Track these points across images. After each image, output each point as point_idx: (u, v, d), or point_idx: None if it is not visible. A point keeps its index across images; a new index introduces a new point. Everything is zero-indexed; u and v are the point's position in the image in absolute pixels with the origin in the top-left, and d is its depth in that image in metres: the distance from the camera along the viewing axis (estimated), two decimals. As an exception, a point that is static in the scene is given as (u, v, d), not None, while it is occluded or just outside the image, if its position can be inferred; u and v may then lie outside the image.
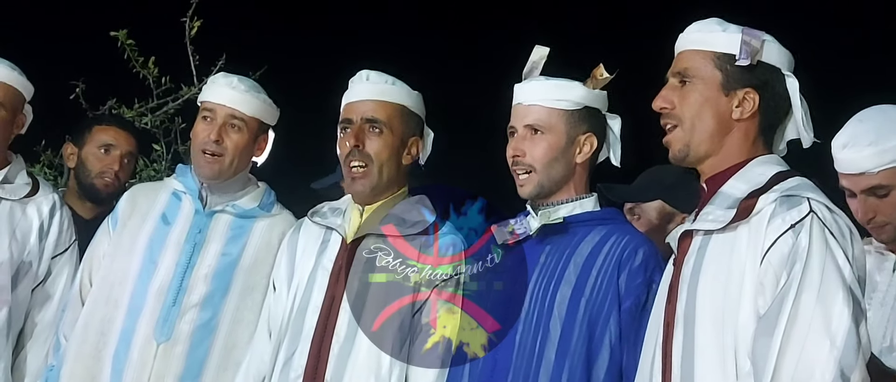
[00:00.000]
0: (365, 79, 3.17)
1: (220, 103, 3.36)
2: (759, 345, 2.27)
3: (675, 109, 2.52)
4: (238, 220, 3.39)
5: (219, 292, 3.31)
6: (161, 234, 3.37)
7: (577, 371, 2.73)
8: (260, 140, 3.43)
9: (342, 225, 3.15)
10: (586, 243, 2.84)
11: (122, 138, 4.08)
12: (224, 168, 3.36)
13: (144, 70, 5.46)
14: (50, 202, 3.62)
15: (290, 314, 3.10)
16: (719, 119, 2.50)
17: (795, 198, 2.36)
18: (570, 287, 2.79)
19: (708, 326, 2.38)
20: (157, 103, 5.58)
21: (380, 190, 3.14)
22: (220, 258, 3.33)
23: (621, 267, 2.78)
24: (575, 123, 2.92)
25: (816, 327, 2.23)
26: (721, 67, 2.50)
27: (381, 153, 3.11)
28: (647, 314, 2.71)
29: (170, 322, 3.27)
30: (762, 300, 2.32)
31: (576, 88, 2.93)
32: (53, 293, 3.59)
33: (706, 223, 2.46)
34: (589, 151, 2.93)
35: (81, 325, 3.35)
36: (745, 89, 2.50)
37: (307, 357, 3.01)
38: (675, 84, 2.54)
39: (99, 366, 3.28)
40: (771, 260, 2.32)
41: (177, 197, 3.43)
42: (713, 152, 2.51)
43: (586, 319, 2.75)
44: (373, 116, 3.12)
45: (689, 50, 2.55)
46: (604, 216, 2.92)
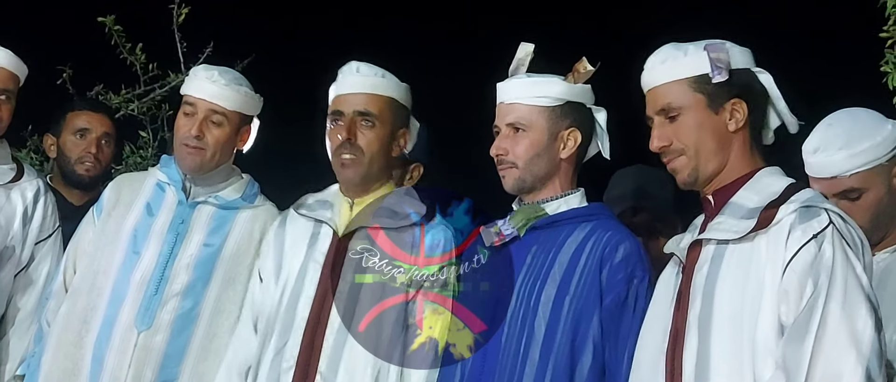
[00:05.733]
0: (355, 71, 3.16)
1: (201, 98, 3.35)
2: (790, 351, 2.31)
3: (674, 143, 2.54)
4: (221, 211, 3.39)
5: (200, 281, 3.32)
6: (145, 224, 3.38)
7: (560, 369, 2.74)
8: (242, 131, 3.43)
9: (332, 219, 3.14)
10: (571, 241, 2.84)
11: (95, 121, 4.08)
12: (205, 162, 3.36)
13: (132, 56, 5.47)
14: (34, 188, 3.63)
15: (279, 305, 3.10)
16: (718, 137, 2.52)
17: (814, 209, 2.40)
18: (555, 286, 2.79)
19: (725, 334, 2.41)
20: (144, 90, 5.59)
21: (370, 181, 3.15)
22: (203, 248, 3.34)
23: (603, 263, 2.78)
24: (556, 119, 2.91)
25: (843, 335, 2.29)
26: (701, 90, 2.52)
27: (373, 146, 3.11)
28: (627, 310, 2.73)
29: (151, 311, 3.28)
30: (785, 308, 2.36)
31: (556, 83, 2.92)
32: (37, 279, 3.60)
33: (721, 233, 2.48)
34: (573, 146, 2.92)
35: (64, 312, 3.36)
36: (731, 101, 2.52)
37: (300, 348, 3.01)
38: (663, 121, 2.55)
39: (80, 353, 3.29)
40: (794, 269, 2.36)
41: (161, 188, 3.44)
42: (719, 169, 2.54)
43: (570, 317, 2.76)
44: (365, 109, 3.12)
45: (661, 85, 2.55)
46: (589, 213, 2.92)
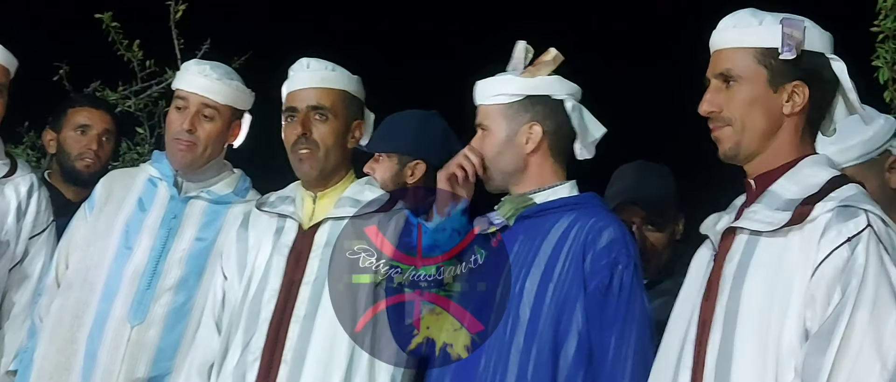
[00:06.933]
0: (306, 66, 3.18)
1: (193, 92, 3.37)
2: (810, 361, 2.21)
3: (724, 111, 2.42)
4: (213, 206, 3.41)
5: (193, 275, 3.33)
6: (137, 219, 3.40)
7: (544, 354, 2.73)
8: (234, 126, 3.45)
9: (296, 212, 3.17)
10: (556, 228, 2.84)
11: (96, 117, 4.08)
12: (197, 157, 3.38)
13: (129, 53, 5.49)
14: (28, 183, 3.64)
15: (243, 300, 3.13)
16: (770, 117, 2.39)
17: (852, 209, 2.28)
18: (540, 273, 2.79)
19: (750, 331, 2.31)
20: (140, 87, 5.61)
21: (327, 174, 3.17)
22: (195, 242, 3.36)
23: (586, 249, 2.77)
24: (514, 115, 2.90)
25: (868, 347, 2.18)
26: (765, 63, 2.38)
27: (328, 139, 3.13)
28: (611, 295, 2.72)
29: (144, 305, 3.30)
30: (811, 313, 2.25)
31: (512, 80, 2.91)
32: (31, 274, 3.61)
33: (755, 223, 2.36)
34: (537, 139, 2.90)
35: (56, 308, 3.38)
36: (793, 83, 2.38)
37: (265, 340, 3.04)
38: (720, 85, 2.43)
39: (73, 348, 3.31)
40: (824, 273, 2.25)
41: (153, 183, 3.46)
42: (763, 149, 2.41)
43: (554, 303, 2.76)
44: (318, 103, 3.14)
45: (727, 48, 2.43)
46: (577, 201, 2.91)
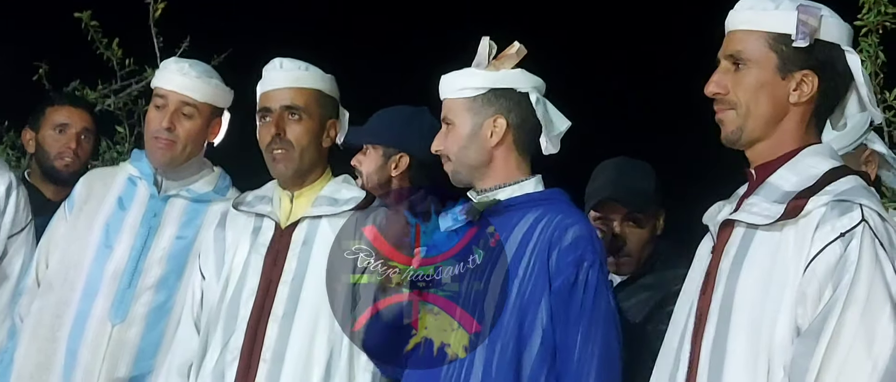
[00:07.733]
0: (279, 66, 3.18)
1: (172, 90, 3.37)
2: (798, 364, 2.17)
3: (730, 93, 2.37)
4: (193, 204, 3.41)
5: (173, 274, 3.34)
6: (117, 218, 3.40)
7: (508, 351, 2.74)
8: (213, 124, 3.45)
9: (273, 211, 3.17)
10: (521, 224, 2.84)
11: (75, 116, 4.07)
12: (176, 155, 3.38)
13: (108, 52, 5.45)
14: (6, 182, 3.62)
15: (221, 300, 3.13)
16: (776, 103, 2.34)
17: (847, 204, 2.22)
18: (504, 270, 2.80)
19: (743, 327, 2.27)
20: (120, 85, 5.57)
21: (303, 173, 3.16)
22: (175, 241, 3.36)
23: (552, 247, 2.78)
24: (478, 109, 2.90)
25: (859, 347, 2.13)
26: (776, 49, 2.33)
27: (302, 139, 3.13)
28: (577, 293, 2.73)
29: (125, 304, 3.30)
30: (802, 311, 2.21)
31: (476, 73, 2.92)
32: (10, 274, 3.60)
33: (751, 216, 2.31)
34: (501, 132, 2.89)
35: (37, 307, 3.38)
36: (803, 71, 2.33)
37: (244, 340, 3.04)
38: (729, 67, 2.39)
39: (53, 347, 3.31)
40: (816, 270, 2.20)
41: (132, 182, 3.45)
42: (766, 136, 2.36)
43: (519, 301, 2.77)
44: (291, 102, 3.14)
45: (740, 30, 2.38)
46: (542, 197, 2.91)
